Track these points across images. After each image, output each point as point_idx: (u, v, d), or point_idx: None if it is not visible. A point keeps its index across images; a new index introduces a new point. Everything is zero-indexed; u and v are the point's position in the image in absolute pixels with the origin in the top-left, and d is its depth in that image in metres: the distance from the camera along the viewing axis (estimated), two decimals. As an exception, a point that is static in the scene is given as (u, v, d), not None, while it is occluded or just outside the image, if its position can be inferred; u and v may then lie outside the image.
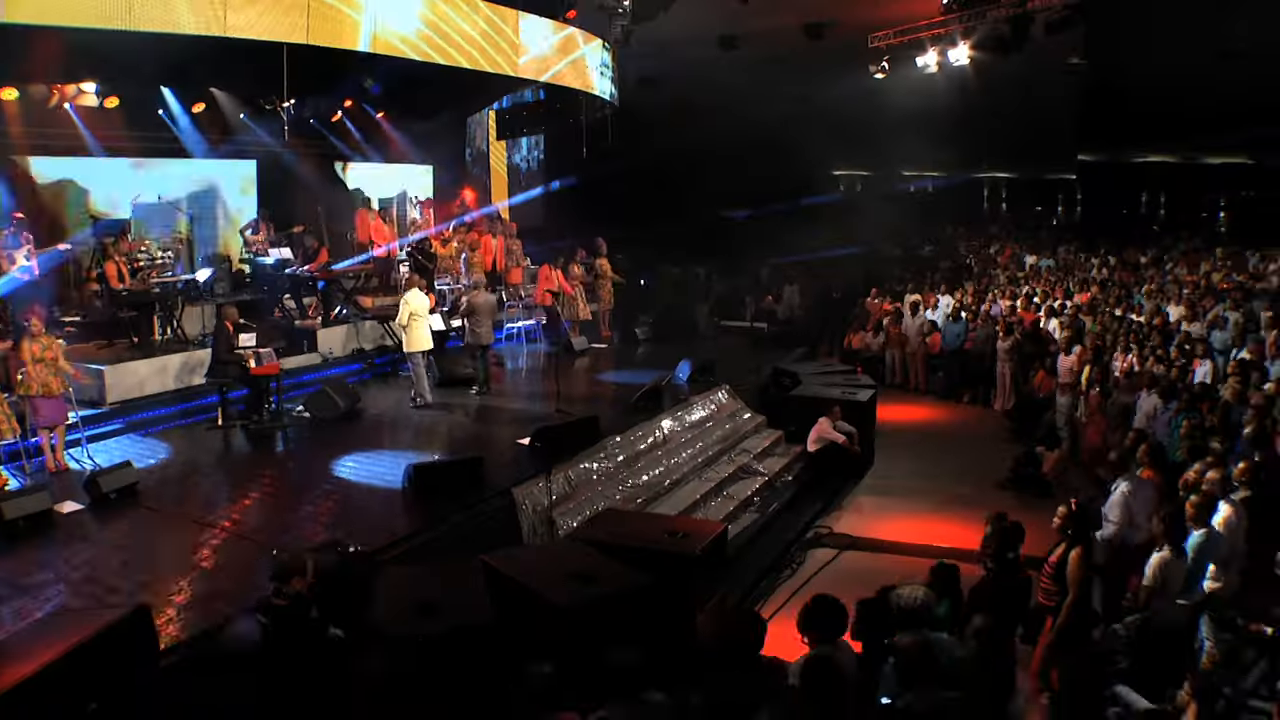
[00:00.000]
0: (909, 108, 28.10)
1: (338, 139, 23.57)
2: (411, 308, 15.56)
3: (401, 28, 16.56)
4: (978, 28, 22.93)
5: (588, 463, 12.73)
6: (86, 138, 18.87)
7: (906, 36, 24.32)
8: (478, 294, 16.68)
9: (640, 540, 9.01)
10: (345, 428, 14.68)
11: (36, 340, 12.41)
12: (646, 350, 21.32)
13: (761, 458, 15.61)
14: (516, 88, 24.54)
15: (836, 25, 24.24)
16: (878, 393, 17.65)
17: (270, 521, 10.67)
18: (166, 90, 19.50)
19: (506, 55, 18.64)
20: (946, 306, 22.99)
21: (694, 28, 24.05)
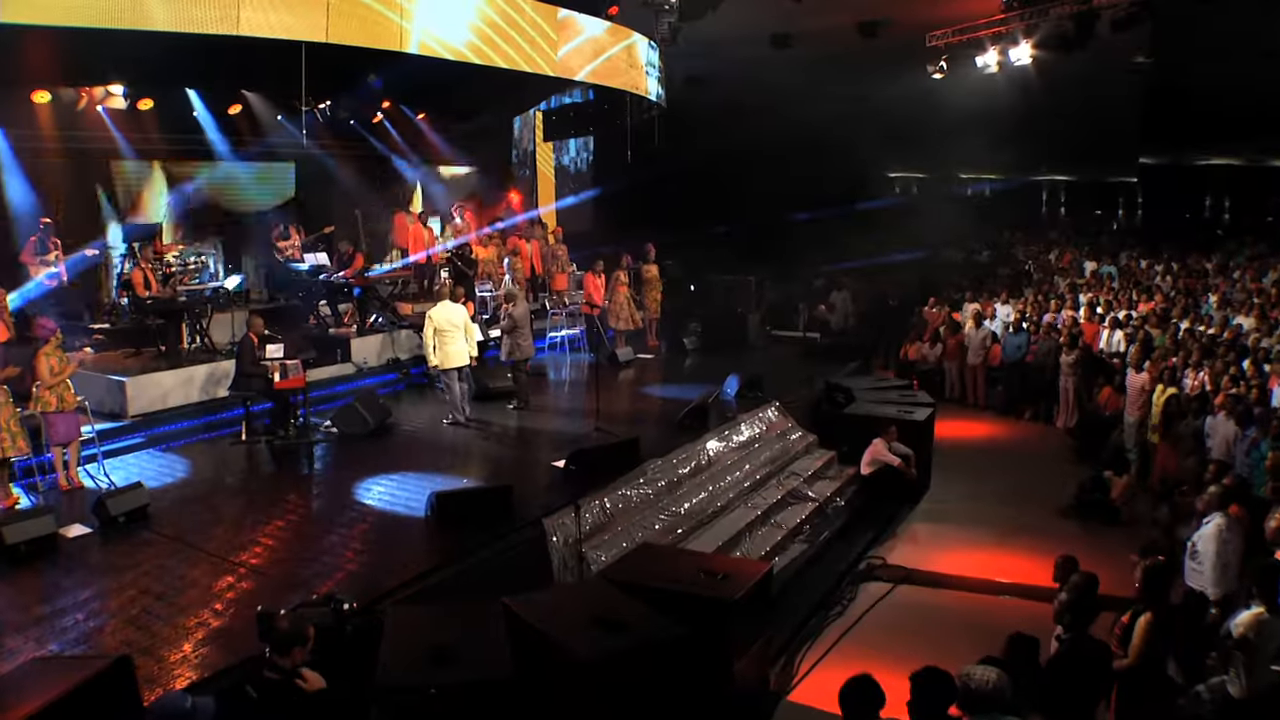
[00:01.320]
0: (967, 108, 27.18)
1: (378, 140, 22.94)
2: (435, 323, 14.75)
3: (434, 26, 15.82)
4: (1040, 25, 21.95)
5: (626, 489, 11.89)
6: (118, 140, 18.39)
7: (965, 35, 23.36)
8: (516, 305, 15.89)
9: (675, 582, 8.28)
10: (373, 446, 13.98)
11: (51, 354, 11.88)
12: (694, 361, 20.52)
13: (812, 481, 14.76)
14: (563, 88, 23.82)
15: (892, 24, 23.34)
16: (936, 410, 16.71)
17: (282, 554, 9.93)
18: (192, 92, 18.94)
19: (544, 53, 17.84)
20: (1006, 316, 22.06)
21: (745, 26, 23.24)
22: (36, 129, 17.70)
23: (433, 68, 16.35)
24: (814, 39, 24.45)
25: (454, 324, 14.81)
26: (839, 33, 23.83)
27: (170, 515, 11.11)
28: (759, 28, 23.78)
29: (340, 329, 18.42)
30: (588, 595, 8.25)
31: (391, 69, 16.32)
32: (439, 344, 14.67)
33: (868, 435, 15.34)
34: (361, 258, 19.02)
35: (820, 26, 23.47)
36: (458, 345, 14.79)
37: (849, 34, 23.90)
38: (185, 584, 9.18)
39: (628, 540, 10.90)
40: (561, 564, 10.23)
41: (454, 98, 21.27)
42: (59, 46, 14.03)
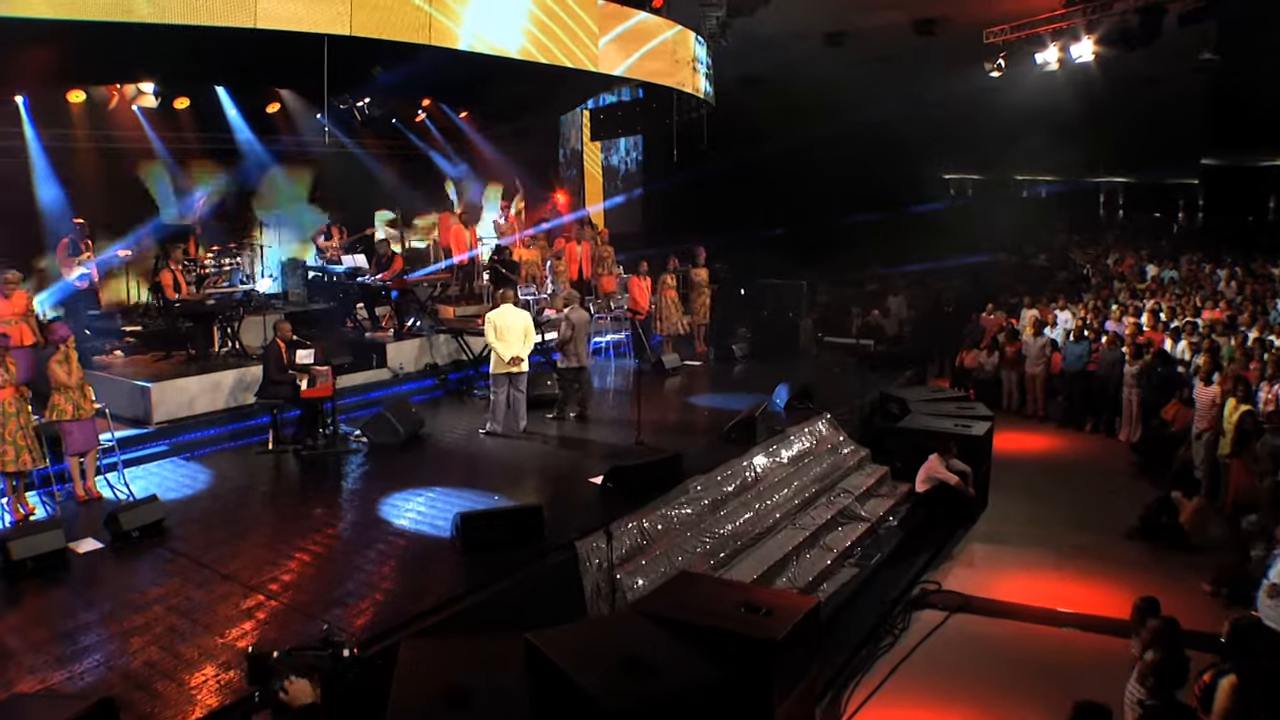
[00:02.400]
0: (1024, 108, 26.47)
1: (419, 139, 22.42)
2: (496, 324, 14.22)
3: (472, 19, 15.17)
4: (1103, 21, 21.09)
5: (666, 509, 11.19)
6: (152, 140, 18.00)
7: (1025, 32, 22.52)
8: (574, 310, 15.25)
9: (714, 618, 7.59)
10: (404, 457, 13.39)
11: (62, 362, 11.41)
12: (743, 369, 19.83)
13: (864, 499, 14.03)
14: (610, 86, 23.14)
15: (948, 21, 22.55)
16: (994, 423, 15.92)
17: (300, 579, 9.28)
18: (222, 91, 18.49)
19: (585, 47, 17.14)
20: (1066, 322, 21.23)
21: (797, 23, 22.54)
22: (70, 128, 17.44)
23: (470, 63, 15.75)
24: (868, 37, 23.75)
25: (512, 329, 14.23)
26: (894, 30, 23.14)
27: (187, 531, 10.59)
28: (812, 25, 23.08)
29: (377, 333, 17.90)
30: (618, 631, 7.59)
31: (428, 65, 15.66)
32: (494, 346, 14.19)
33: (922, 450, 14.66)
34: (400, 260, 18.49)
35: (874, 24, 22.81)
36: (514, 351, 14.18)
37: (904, 31, 23.18)
38: (194, 608, 8.60)
39: (666, 565, 10.23)
40: (594, 591, 9.56)
41: (496, 95, 20.65)
42: (86, 43, 13.62)
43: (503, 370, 14.22)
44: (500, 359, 14.15)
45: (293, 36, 12.85)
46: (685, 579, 8.89)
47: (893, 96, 27.96)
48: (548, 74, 17.05)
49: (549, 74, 17.06)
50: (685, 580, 8.85)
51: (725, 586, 8.89)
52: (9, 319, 13.10)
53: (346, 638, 7.12)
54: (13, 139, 16.78)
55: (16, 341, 13.03)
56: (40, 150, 16.96)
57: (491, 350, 14.28)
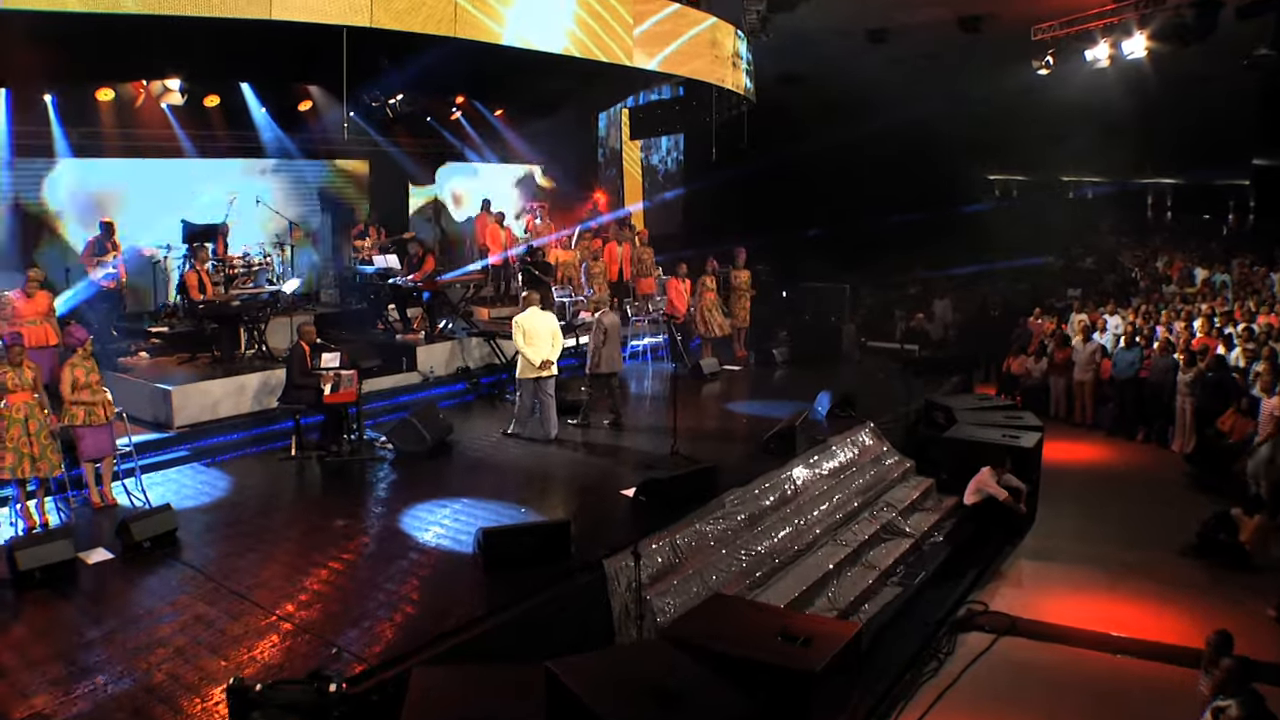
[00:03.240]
0: (1072, 106, 25.81)
1: (454, 138, 22.03)
2: (524, 328, 13.80)
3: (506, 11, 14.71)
4: (1156, 15, 20.42)
5: (700, 523, 10.64)
6: (181, 138, 17.74)
7: (1074, 28, 21.88)
8: (605, 313, 14.78)
9: (748, 647, 7.15)
10: (431, 466, 12.93)
11: (78, 365, 11.05)
12: (784, 374, 19.27)
13: (908, 513, 13.45)
14: (650, 83, 22.67)
15: (995, 17, 21.93)
16: (1044, 434, 15.29)
17: (314, 599, 8.78)
18: (247, 88, 18.15)
19: (621, 40, 16.61)
20: (1116, 328, 20.55)
21: (839, 19, 22.02)
22: (98, 126, 17.24)
23: (502, 58, 15.30)
24: (912, 34, 23.18)
25: (541, 333, 13.82)
26: (938, 27, 22.55)
27: (201, 542, 10.22)
28: (854, 21, 22.53)
29: (408, 335, 17.48)
30: (644, 660, 7.11)
31: (445, 58, 15.21)
32: (523, 350, 13.80)
33: (969, 461, 14.03)
34: (432, 260, 18.06)
35: (919, 20, 22.24)
36: (542, 354, 13.79)
37: (949, 28, 22.59)
38: (202, 628, 8.17)
39: (699, 585, 9.69)
40: (623, 613, 9.04)
41: (528, 91, 20.17)
42: (112, 38, 13.42)
43: (531, 375, 13.81)
44: (530, 363, 13.73)
45: (313, 29, 12.36)
46: (718, 602, 8.42)
47: (936, 95, 27.36)
48: (581, 68, 16.55)
49: (582, 68, 16.55)
50: (718, 604, 8.38)
51: (760, 611, 8.40)
52: (31, 319, 12.81)
53: (344, 668, 6.68)
54: (41, 138, 16.54)
55: (40, 341, 12.77)
56: (68, 149, 16.72)
57: (519, 354, 13.85)
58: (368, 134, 20.19)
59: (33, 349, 12.45)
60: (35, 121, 16.49)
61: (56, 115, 16.58)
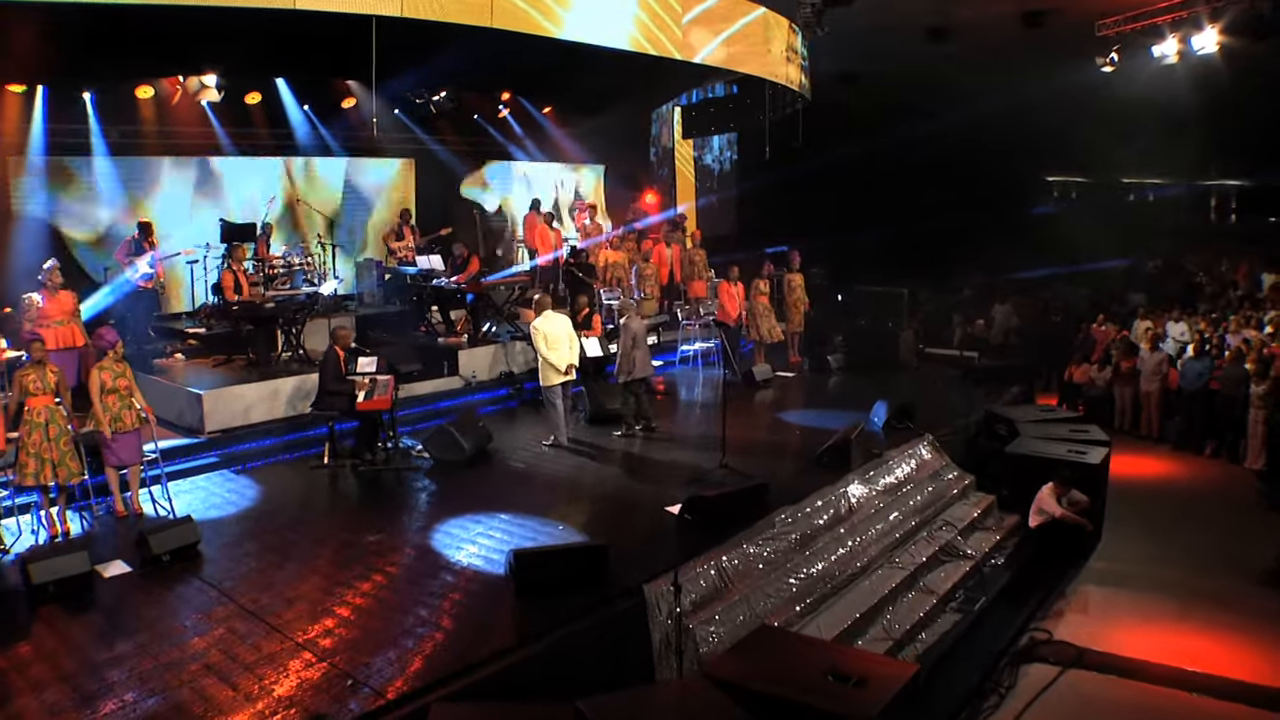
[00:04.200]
0: (1135, 105, 24.93)
1: (502, 136, 21.55)
2: (544, 333, 13.34)
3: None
4: (1229, 8, 19.60)
5: (749, 544, 9.99)
6: (220, 136, 17.36)
7: (1142, 22, 21.07)
8: (632, 319, 14.22)
9: (795, 688, 6.56)
10: (468, 477, 12.39)
11: (106, 368, 10.63)
12: (839, 382, 18.57)
13: (968, 533, 12.72)
14: (702, 80, 22.06)
15: (1059, 13, 21.15)
16: (1110, 449, 14.53)
17: (337, 623, 8.22)
18: (284, 84, 17.75)
19: (669, 30, 15.91)
20: (1182, 334, 19.73)
21: (897, 16, 21.29)
22: (138, 124, 16.98)
23: (545, 52, 14.74)
24: (973, 30, 22.42)
25: (560, 337, 13.43)
26: (1000, 23, 21.78)
27: (224, 556, 9.78)
28: (913, 18, 21.81)
29: (450, 338, 16.98)
30: (683, 701, 6.55)
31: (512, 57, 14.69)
32: (546, 356, 13.33)
33: (1031, 477, 13.26)
34: (477, 262, 17.58)
35: (980, 16, 21.49)
36: (562, 358, 13.40)
37: (1011, 25, 21.81)
38: (215, 651, 7.68)
39: (745, 613, 9.05)
40: (663, 643, 8.40)
41: (580, 89, 19.62)
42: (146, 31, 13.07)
43: (557, 380, 13.44)
44: (555, 369, 13.35)
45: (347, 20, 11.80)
46: (764, 636, 7.81)
47: (995, 94, 26.54)
48: (633, 63, 15.90)
49: (634, 63, 15.91)
50: (764, 637, 7.77)
51: (810, 646, 7.78)
52: (59, 319, 12.48)
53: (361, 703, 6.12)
54: (79, 135, 16.21)
55: (68, 342, 12.44)
56: (105, 147, 16.39)
57: (541, 361, 13.42)
58: (410, 131, 19.86)
59: (60, 350, 12.22)
60: (75, 119, 16.21)
61: (95, 113, 16.29)
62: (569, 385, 13.72)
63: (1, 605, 8.75)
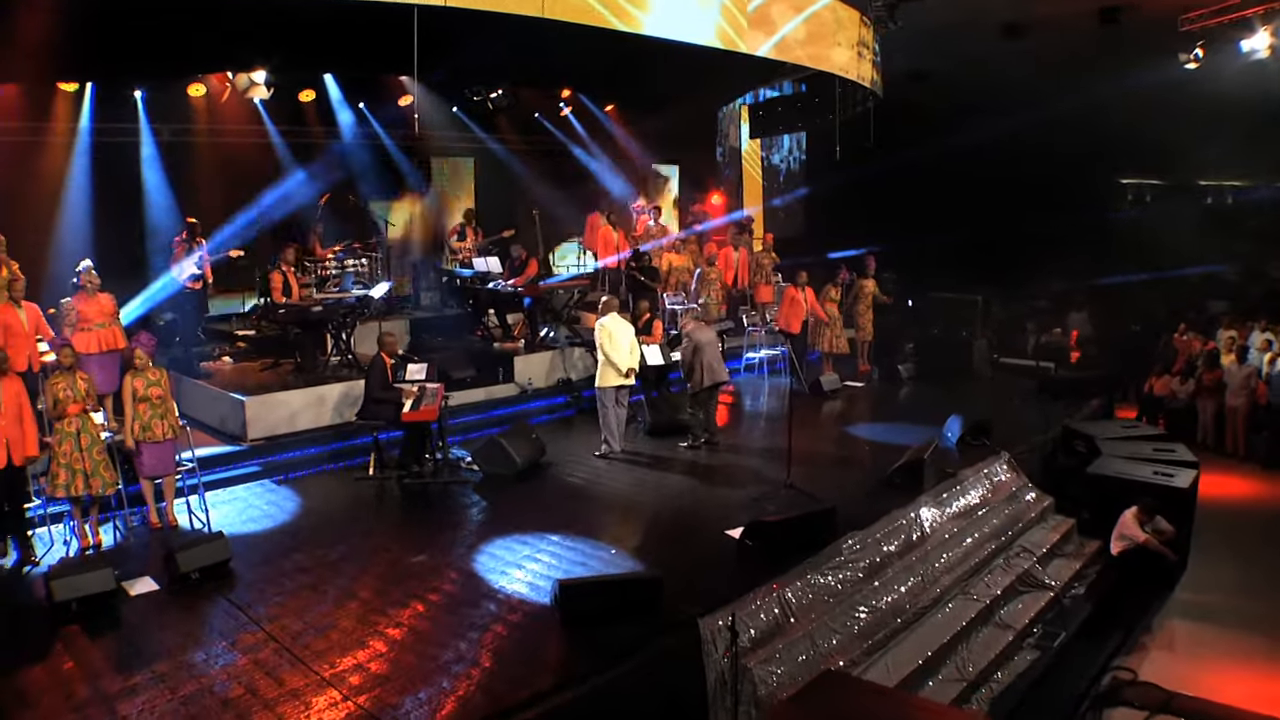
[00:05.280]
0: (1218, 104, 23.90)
1: (564, 135, 21.01)
2: (610, 330, 12.85)
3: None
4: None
5: (815, 574, 9.29)
6: (271, 134, 17.09)
7: (1229, 16, 20.09)
8: (699, 328, 13.57)
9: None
10: (519, 492, 11.80)
11: (140, 375, 10.17)
12: (909, 393, 17.83)
13: (1046, 560, 11.91)
14: (770, 77, 21.35)
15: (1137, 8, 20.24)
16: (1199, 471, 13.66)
17: (371, 653, 7.66)
18: (331, 79, 17.33)
19: (736, 22, 15.12)
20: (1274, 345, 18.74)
21: (970, 13, 20.49)
22: (188, 123, 16.68)
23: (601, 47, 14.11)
24: (1048, 27, 21.56)
25: (622, 339, 12.93)
26: (1077, 19, 20.90)
27: (256, 575, 9.29)
28: (986, 15, 21.01)
29: (506, 344, 16.43)
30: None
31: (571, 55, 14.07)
32: (609, 354, 12.89)
33: (1115, 500, 12.46)
34: (536, 264, 17.03)
35: (1056, 13, 20.64)
36: (620, 360, 12.92)
37: (1088, 21, 20.93)
38: (235, 683, 7.16)
39: (808, 650, 8.36)
40: (718, 683, 7.74)
41: (644, 86, 18.96)
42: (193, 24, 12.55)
43: (614, 383, 12.96)
44: (616, 370, 12.84)
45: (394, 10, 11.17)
46: (829, 683, 7.11)
47: (1070, 93, 25.63)
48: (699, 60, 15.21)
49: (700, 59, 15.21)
50: (827, 685, 7.08)
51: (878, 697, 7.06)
52: (99, 321, 12.01)
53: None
54: (128, 135, 15.93)
55: (110, 345, 12.02)
56: (154, 146, 16.04)
57: (601, 360, 12.93)
58: (469, 129, 19.33)
59: (102, 353, 11.80)
60: (125, 118, 15.91)
61: (145, 112, 15.98)
62: (624, 391, 13.18)
63: (23, 623, 8.38)
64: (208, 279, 15.09)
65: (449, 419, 12.64)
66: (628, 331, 13.11)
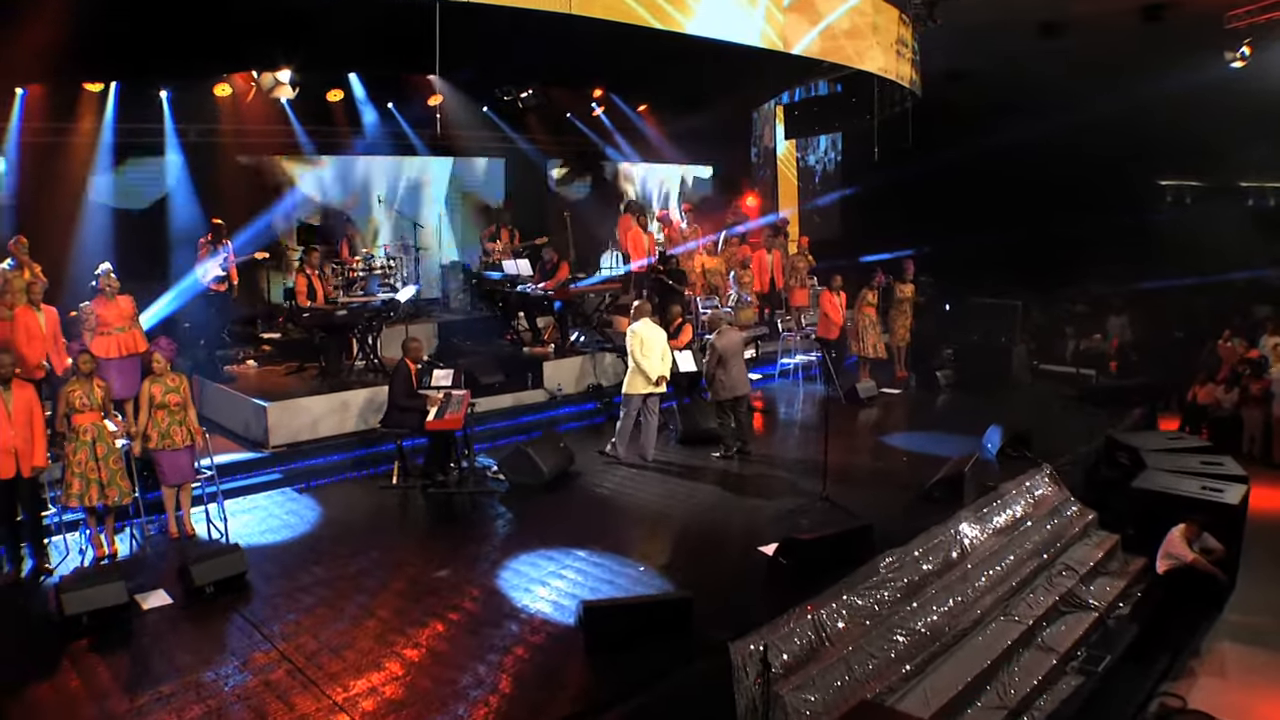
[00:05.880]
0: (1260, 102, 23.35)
1: (597, 135, 20.70)
2: (641, 336, 12.53)
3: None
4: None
5: (851, 594, 8.91)
6: (299, 134, 16.88)
7: (1278, 13, 19.56)
8: (721, 335, 13.17)
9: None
10: (545, 503, 11.47)
11: (158, 381, 9.92)
12: (947, 401, 17.40)
13: (1090, 579, 11.42)
14: (806, 76, 20.91)
15: (1180, 6, 19.74)
16: (1249, 485, 13.17)
17: (387, 677, 7.34)
18: (355, 78, 17.07)
19: (774, 20, 14.73)
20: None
21: (1008, 11, 20.02)
22: (215, 123, 16.40)
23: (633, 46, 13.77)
24: (1089, 25, 21.08)
25: (655, 345, 12.63)
26: (1118, 17, 20.40)
27: (272, 589, 9.01)
28: (1025, 13, 20.55)
29: (536, 348, 16.12)
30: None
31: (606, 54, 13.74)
32: (639, 362, 12.56)
33: (1160, 516, 12.01)
34: (567, 267, 16.72)
35: (1097, 10, 20.14)
36: (653, 366, 12.58)
37: (1129, 18, 20.44)
38: (244, 708, 6.87)
39: (844, 675, 7.98)
40: (749, 710, 7.39)
41: (676, 86, 18.59)
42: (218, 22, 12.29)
43: (643, 390, 12.63)
44: (645, 377, 12.52)
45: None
46: (865, 713, 6.75)
47: (1109, 93, 25.11)
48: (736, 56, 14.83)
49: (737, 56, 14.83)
50: (869, 713, 6.71)
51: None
52: (119, 325, 11.80)
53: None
54: (152, 135, 15.75)
55: (130, 349, 11.79)
56: (179, 146, 15.88)
57: (631, 367, 12.62)
58: (500, 129, 19.08)
59: (123, 358, 11.60)
60: (150, 119, 15.71)
61: (170, 111, 15.80)
62: (654, 400, 12.83)
63: (33, 636, 8.16)
64: (233, 281, 14.88)
65: (475, 426, 12.37)
66: (660, 338, 12.79)
